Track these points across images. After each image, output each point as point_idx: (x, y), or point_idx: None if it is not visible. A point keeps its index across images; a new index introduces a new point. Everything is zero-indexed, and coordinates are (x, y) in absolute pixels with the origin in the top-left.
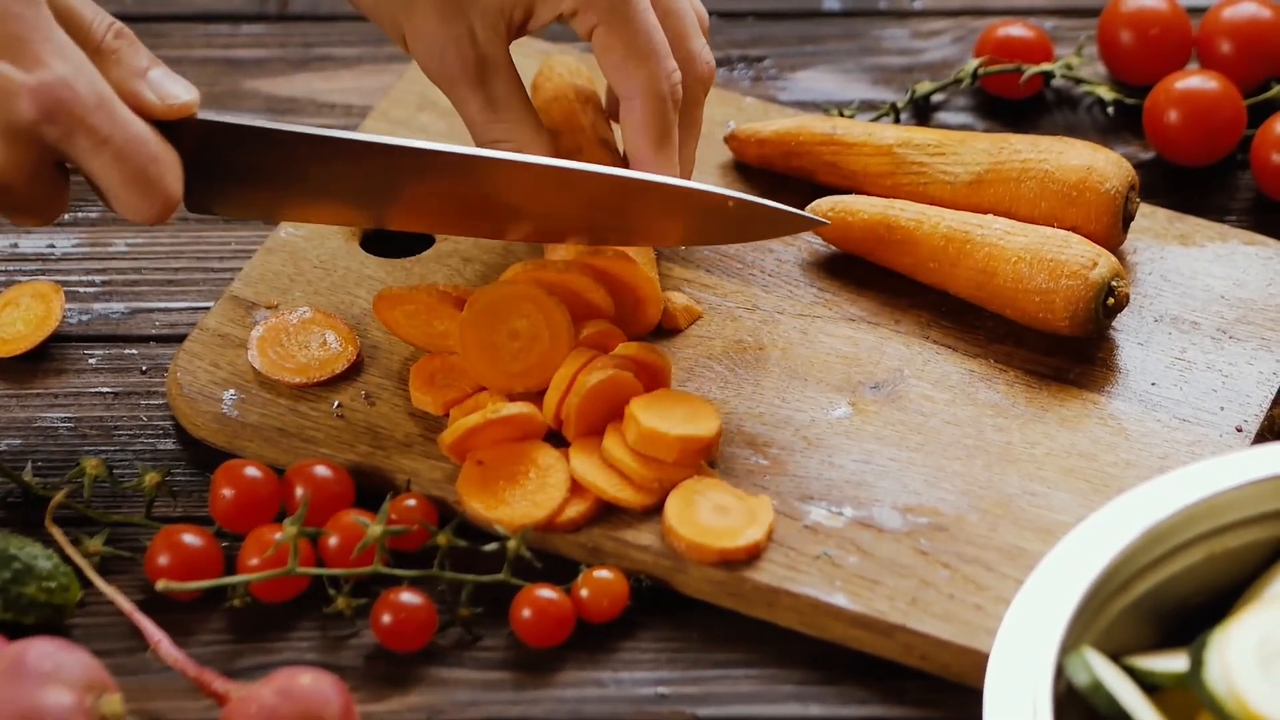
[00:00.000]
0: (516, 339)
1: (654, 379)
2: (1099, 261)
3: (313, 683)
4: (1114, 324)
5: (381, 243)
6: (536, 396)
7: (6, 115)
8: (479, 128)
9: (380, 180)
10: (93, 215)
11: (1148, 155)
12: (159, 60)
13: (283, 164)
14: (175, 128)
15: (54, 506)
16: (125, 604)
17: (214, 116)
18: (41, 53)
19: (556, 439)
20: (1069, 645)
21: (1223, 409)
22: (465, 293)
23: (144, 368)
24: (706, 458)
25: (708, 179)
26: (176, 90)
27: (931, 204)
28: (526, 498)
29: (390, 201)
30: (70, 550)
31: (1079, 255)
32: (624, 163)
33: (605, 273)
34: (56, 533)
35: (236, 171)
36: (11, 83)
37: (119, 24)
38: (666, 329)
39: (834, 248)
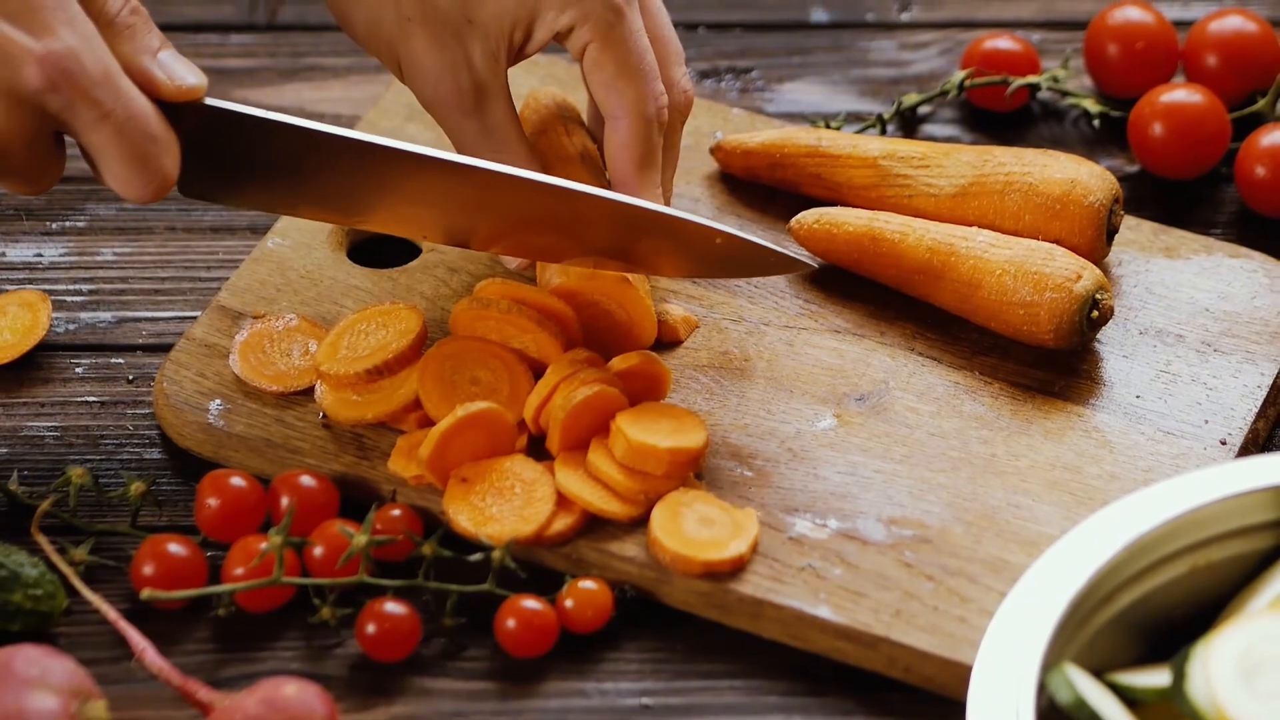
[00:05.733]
0: (476, 385)
1: (650, 388)
2: (1083, 274)
3: (298, 693)
4: (1099, 337)
5: (368, 253)
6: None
7: (11, 81)
8: (472, 156)
9: (375, 182)
10: (80, 225)
11: (1133, 168)
12: (169, 43)
13: (281, 156)
14: (178, 111)
15: (40, 514)
16: (110, 612)
17: (218, 103)
18: (52, 21)
19: (535, 454)
20: (1052, 658)
21: (1207, 422)
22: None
23: (130, 377)
24: (693, 469)
25: (693, 190)
26: (185, 73)
27: (916, 216)
28: (515, 513)
29: (384, 203)
30: (56, 558)
31: (1064, 268)
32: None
33: (594, 294)
34: (43, 540)
35: (234, 160)
36: (19, 49)
37: (134, 2)
38: (666, 341)
39: (820, 259)
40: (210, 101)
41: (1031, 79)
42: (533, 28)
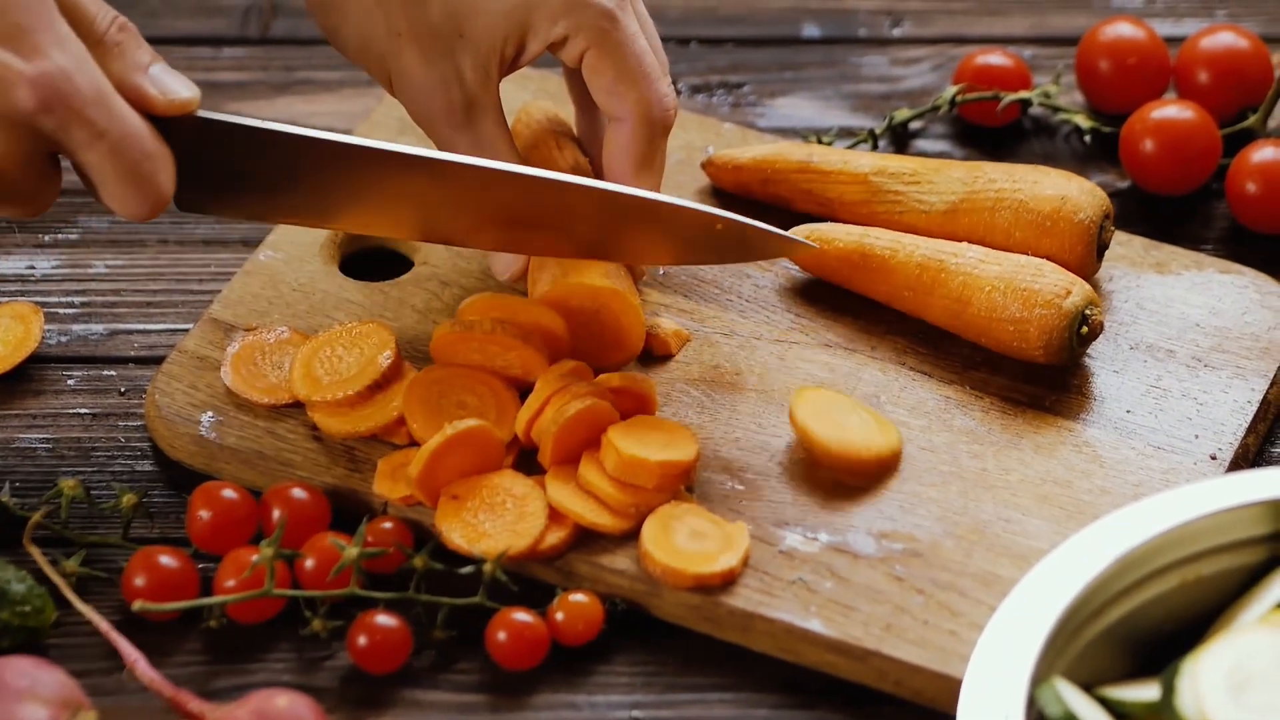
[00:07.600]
0: (463, 409)
1: (638, 406)
2: (1073, 290)
3: (289, 705)
4: (1090, 351)
5: (360, 267)
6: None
7: (4, 104)
8: None
9: (360, 183)
10: (72, 237)
11: (1124, 184)
12: (160, 56)
13: (277, 165)
14: (172, 125)
15: (32, 526)
16: (102, 623)
17: (211, 115)
18: (43, 43)
19: (523, 468)
20: (1042, 671)
21: (1197, 437)
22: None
23: (122, 389)
24: (684, 483)
25: None
26: (177, 86)
27: (907, 232)
28: (508, 528)
29: (368, 204)
30: (48, 570)
31: (1053, 284)
32: None
33: (585, 300)
34: (35, 552)
35: (228, 171)
36: (11, 71)
37: (123, 19)
38: (658, 355)
39: (811, 274)
40: (203, 114)
41: (1023, 94)
42: (525, 40)
